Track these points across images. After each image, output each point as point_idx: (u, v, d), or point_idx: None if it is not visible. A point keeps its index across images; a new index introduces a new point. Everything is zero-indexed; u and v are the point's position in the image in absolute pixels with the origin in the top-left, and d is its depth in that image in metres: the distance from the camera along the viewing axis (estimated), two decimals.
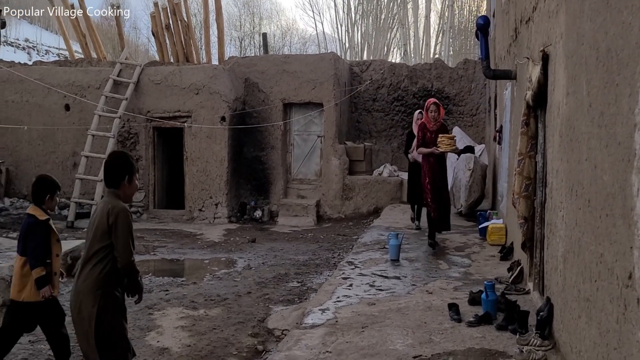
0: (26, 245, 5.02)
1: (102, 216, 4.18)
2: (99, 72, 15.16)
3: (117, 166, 4.36)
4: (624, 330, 2.91)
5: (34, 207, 5.13)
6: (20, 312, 5.08)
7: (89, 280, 4.17)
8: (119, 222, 4.16)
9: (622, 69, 2.96)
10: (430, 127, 9.28)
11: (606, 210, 3.26)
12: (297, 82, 15.24)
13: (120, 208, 4.21)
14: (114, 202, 4.25)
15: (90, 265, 4.18)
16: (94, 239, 4.19)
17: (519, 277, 7.14)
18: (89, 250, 4.20)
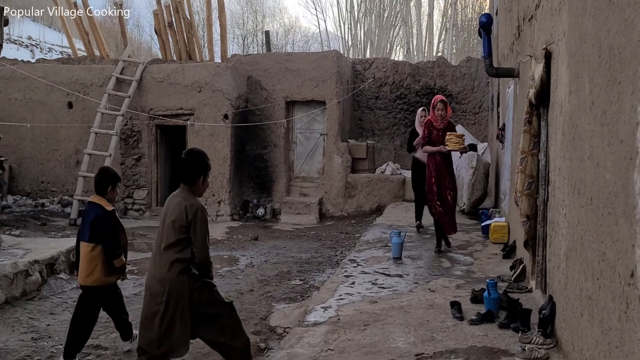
0: (97, 233, 5.39)
1: (180, 212, 4.43)
2: (101, 70, 15.18)
3: (195, 165, 4.58)
4: (625, 329, 2.91)
5: (97, 197, 5.51)
6: (88, 296, 5.48)
7: (171, 268, 4.44)
8: (198, 219, 4.43)
9: (625, 67, 2.96)
10: (437, 125, 8.96)
11: (608, 209, 3.26)
12: (300, 80, 15.25)
13: (198, 206, 4.47)
14: (191, 199, 4.52)
15: (168, 255, 4.45)
16: (171, 231, 4.45)
17: (522, 275, 7.14)
18: (166, 241, 4.47)
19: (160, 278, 4.47)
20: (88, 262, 5.40)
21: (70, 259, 8.14)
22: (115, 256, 5.43)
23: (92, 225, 5.40)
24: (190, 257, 4.48)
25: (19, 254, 7.71)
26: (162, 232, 4.53)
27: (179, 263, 4.44)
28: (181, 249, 4.45)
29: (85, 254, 5.41)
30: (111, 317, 5.74)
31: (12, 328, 6.26)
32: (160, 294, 4.45)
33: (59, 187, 15.32)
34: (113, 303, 5.64)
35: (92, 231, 5.40)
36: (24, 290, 7.16)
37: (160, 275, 4.47)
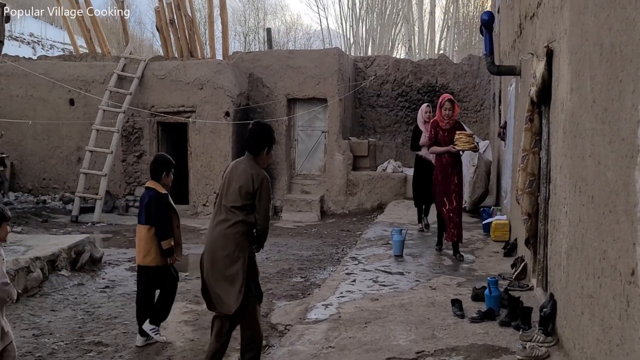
0: (151, 216, 5.79)
1: (247, 179, 4.66)
2: (103, 67, 15.19)
3: (261, 135, 4.82)
4: (626, 327, 2.91)
5: (153, 182, 5.91)
6: (144, 275, 5.91)
7: (237, 228, 4.70)
8: (263, 189, 4.68)
9: (626, 65, 2.96)
10: (443, 125, 8.48)
11: (609, 207, 3.26)
12: (301, 77, 15.25)
13: (264, 176, 4.73)
14: (257, 169, 4.75)
15: (230, 220, 4.70)
16: (237, 196, 4.68)
17: (523, 273, 7.14)
18: (232, 203, 4.69)
19: (225, 233, 4.70)
20: (145, 243, 5.83)
21: (71, 256, 8.14)
22: (164, 238, 5.78)
23: (146, 208, 5.82)
24: (253, 222, 4.74)
25: (20, 251, 7.71)
26: (227, 194, 4.74)
27: (243, 224, 4.70)
28: (246, 213, 4.70)
29: (142, 236, 5.84)
30: (160, 296, 6.03)
31: (14, 325, 6.26)
32: (223, 247, 4.70)
33: (60, 184, 15.34)
34: (167, 285, 5.99)
35: (147, 214, 5.82)
36: (25, 287, 7.17)
37: (224, 231, 4.70)
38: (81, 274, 8.21)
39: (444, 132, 8.46)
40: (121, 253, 10.06)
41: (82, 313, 6.77)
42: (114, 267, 9.00)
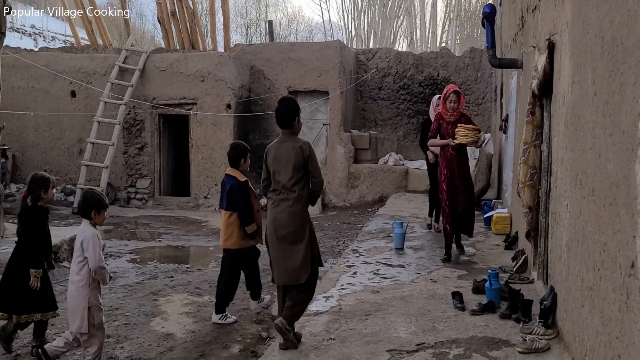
0: (232, 203, 6.23)
1: (296, 153, 5.11)
2: (104, 59, 15.18)
3: (288, 109, 5.27)
4: (626, 319, 2.92)
5: (232, 169, 6.34)
6: (228, 258, 6.38)
7: (298, 202, 5.15)
8: (312, 154, 5.18)
9: (627, 58, 2.95)
10: (447, 118, 8.06)
11: (610, 200, 3.26)
12: (303, 70, 15.23)
13: (308, 143, 5.24)
14: (298, 140, 5.22)
15: (294, 192, 5.14)
16: (293, 172, 5.12)
17: (523, 266, 7.15)
18: (287, 184, 5.14)
19: (288, 211, 5.13)
20: (226, 227, 6.31)
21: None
22: (247, 223, 6.24)
23: (228, 194, 6.24)
24: (307, 193, 5.22)
25: None
26: (281, 175, 5.18)
27: (302, 199, 5.17)
28: (302, 186, 5.17)
29: (224, 221, 6.31)
30: (246, 277, 6.57)
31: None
32: (288, 224, 5.12)
33: (62, 176, 15.34)
34: (249, 264, 6.49)
35: (229, 200, 6.25)
36: None
37: (288, 209, 5.13)
38: None
39: (447, 125, 8.04)
40: (122, 245, 10.09)
41: None
42: (116, 258, 9.03)
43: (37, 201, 5.24)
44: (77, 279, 4.71)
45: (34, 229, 5.25)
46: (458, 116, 8.06)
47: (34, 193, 5.21)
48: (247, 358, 5.36)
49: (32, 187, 5.22)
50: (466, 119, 8.17)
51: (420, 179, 14.64)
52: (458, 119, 8.04)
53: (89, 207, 4.81)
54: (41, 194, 5.23)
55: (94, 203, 4.81)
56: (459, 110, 8.08)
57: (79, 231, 4.81)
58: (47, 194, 5.28)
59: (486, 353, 4.79)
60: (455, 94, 8.01)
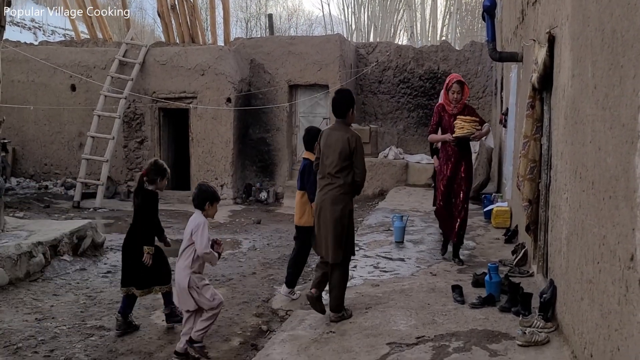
0: (304, 182, 6.59)
1: (344, 143, 5.47)
2: (104, 53, 15.16)
3: (344, 100, 5.71)
4: (625, 312, 2.92)
5: (307, 152, 6.65)
6: (301, 234, 6.77)
7: (341, 188, 5.53)
8: (358, 147, 5.52)
9: (627, 51, 2.95)
10: (449, 109, 7.46)
11: (609, 193, 3.26)
12: (303, 63, 15.21)
13: (356, 135, 5.58)
14: (349, 131, 5.60)
15: (334, 184, 5.52)
16: (338, 161, 5.49)
17: (523, 259, 7.15)
18: (334, 168, 5.51)
19: (331, 195, 5.52)
20: (300, 206, 6.73)
21: (73, 241, 8.17)
22: (313, 200, 6.23)
23: (300, 175, 6.67)
24: (351, 182, 5.55)
25: (22, 236, 7.75)
26: (327, 162, 5.55)
27: (345, 186, 5.52)
28: (346, 174, 5.52)
29: (298, 200, 6.74)
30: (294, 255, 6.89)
31: (16, 309, 6.31)
32: (331, 208, 5.51)
33: (62, 170, 15.36)
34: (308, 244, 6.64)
35: (301, 181, 6.67)
36: (28, 272, 7.20)
37: (330, 193, 5.53)
38: (83, 259, 8.25)
39: (450, 118, 7.45)
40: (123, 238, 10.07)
41: (84, 298, 6.81)
42: (116, 252, 9.03)
43: (151, 184, 5.80)
44: (181, 262, 5.10)
45: (147, 211, 5.81)
46: (461, 108, 7.44)
47: (151, 177, 5.78)
48: (247, 351, 5.37)
49: (151, 170, 5.79)
50: (470, 110, 7.51)
51: (420, 172, 14.64)
52: (461, 111, 7.42)
53: (204, 199, 5.17)
54: (157, 180, 5.82)
55: (208, 195, 5.18)
56: (463, 102, 7.46)
57: (191, 220, 5.17)
58: (161, 182, 5.88)
59: (486, 346, 4.80)
60: (458, 84, 7.42)
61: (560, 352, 4.57)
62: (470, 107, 7.59)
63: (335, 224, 5.50)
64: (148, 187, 5.80)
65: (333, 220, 5.50)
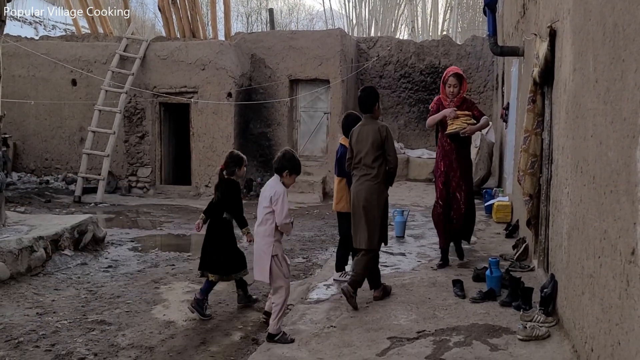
0: (342, 168, 6.56)
1: (375, 134, 5.83)
2: (105, 47, 15.14)
3: (369, 96, 6.04)
4: (626, 306, 2.92)
5: (344, 138, 6.72)
6: (340, 219, 6.86)
7: (376, 178, 5.85)
8: (389, 136, 5.87)
9: (629, 45, 2.94)
10: (446, 104, 7.14)
11: (610, 187, 3.26)
12: (304, 58, 15.19)
13: (386, 125, 5.98)
14: (378, 123, 5.98)
15: (370, 174, 5.85)
16: (372, 151, 5.83)
17: (524, 254, 7.16)
18: (370, 159, 5.84)
19: (367, 185, 5.85)
20: (337, 192, 6.82)
21: (74, 236, 8.17)
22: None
23: (338, 161, 6.71)
24: (385, 171, 5.87)
25: (23, 230, 7.75)
26: (362, 153, 5.86)
27: (379, 175, 5.84)
28: (380, 163, 5.84)
29: (336, 186, 6.85)
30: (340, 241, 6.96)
31: (17, 303, 6.31)
32: (366, 197, 5.83)
33: (63, 165, 15.36)
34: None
35: (339, 167, 6.71)
36: (29, 266, 7.21)
37: (366, 183, 5.86)
38: (84, 254, 8.25)
39: None
40: (124, 233, 10.09)
41: (85, 292, 6.81)
42: (117, 247, 9.04)
43: (231, 175, 6.13)
44: (262, 229, 5.17)
45: (234, 198, 6.20)
46: (459, 102, 7.11)
47: (230, 169, 6.12)
48: (248, 345, 5.37)
49: (229, 162, 6.12)
50: (469, 105, 7.18)
51: (421, 167, 14.64)
52: (459, 106, 7.09)
53: (284, 166, 5.25)
54: (235, 170, 6.14)
55: (290, 164, 5.26)
56: (461, 96, 7.13)
57: (268, 185, 5.29)
58: (240, 170, 6.20)
59: (486, 340, 4.81)
60: (455, 77, 7.09)
61: (561, 346, 4.57)
62: (469, 101, 7.28)
63: (371, 212, 5.82)
64: (232, 178, 6.17)
65: (369, 209, 5.82)
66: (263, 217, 5.18)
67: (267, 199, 5.16)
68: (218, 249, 6.18)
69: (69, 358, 4.99)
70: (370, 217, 5.84)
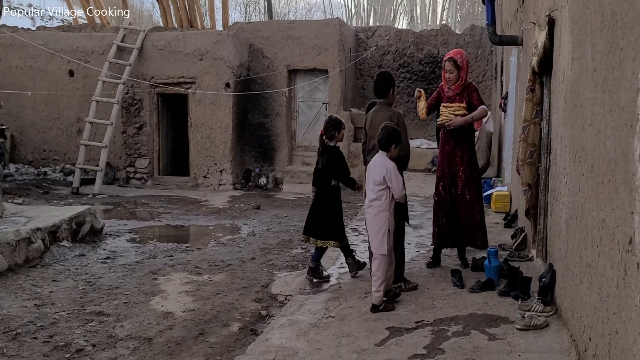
0: None
1: (387, 120, 5.76)
2: (102, 38, 15.09)
3: (384, 81, 6.05)
4: (623, 295, 2.92)
5: None
6: None
7: None
8: (400, 122, 5.90)
9: (627, 33, 2.92)
10: (446, 91, 6.63)
11: (608, 176, 3.25)
12: (302, 48, 15.13)
13: (399, 112, 6.07)
14: (391, 109, 6.06)
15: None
16: None
17: (523, 244, 7.16)
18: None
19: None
20: None
21: (72, 227, 8.16)
22: None
23: None
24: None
25: (21, 222, 7.73)
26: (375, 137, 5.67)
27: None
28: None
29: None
30: None
31: (15, 295, 6.31)
32: None
33: (60, 156, 15.34)
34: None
35: None
36: (27, 258, 7.19)
37: None
38: (82, 245, 8.24)
39: (447, 101, 6.63)
40: (122, 224, 10.09)
41: (83, 283, 6.81)
42: (115, 238, 9.04)
43: (331, 140, 6.31)
44: (378, 204, 5.39)
45: (338, 164, 6.41)
46: (459, 89, 6.55)
47: (329, 133, 6.29)
48: (246, 336, 5.37)
49: (328, 127, 6.29)
50: (469, 92, 6.56)
51: (420, 157, 14.62)
52: (459, 93, 6.56)
53: (390, 141, 5.43)
54: (335, 134, 6.30)
55: (395, 137, 5.45)
56: (460, 84, 6.53)
57: (377, 162, 5.47)
58: (339, 134, 6.36)
59: (485, 330, 4.81)
60: (451, 62, 6.49)
61: (559, 335, 4.58)
62: (472, 87, 6.62)
63: None
64: (329, 144, 6.32)
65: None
66: (377, 194, 5.41)
67: (380, 177, 5.37)
68: (324, 214, 6.40)
69: (67, 349, 4.98)
70: None
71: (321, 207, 6.48)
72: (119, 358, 4.83)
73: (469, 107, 6.51)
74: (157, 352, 4.96)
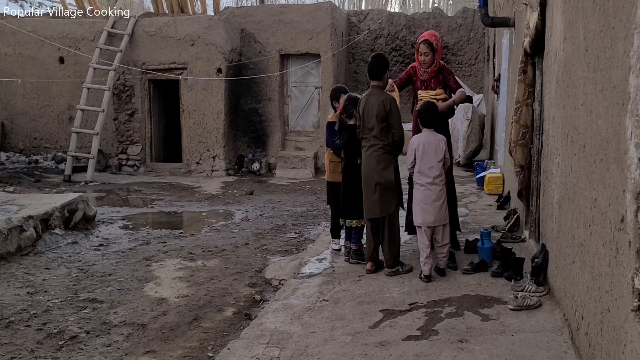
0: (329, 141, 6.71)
1: (379, 105, 5.81)
2: (93, 24, 14.97)
3: (378, 63, 5.96)
4: (615, 273, 2.92)
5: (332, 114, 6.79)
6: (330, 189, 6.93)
7: (382, 150, 5.87)
8: (393, 108, 5.84)
9: (618, 12, 2.91)
10: (420, 74, 6.51)
11: (600, 155, 3.25)
12: (294, 32, 15.05)
13: (390, 97, 5.93)
14: (383, 94, 5.94)
15: (377, 145, 5.85)
16: (376, 123, 5.82)
17: (515, 225, 7.17)
18: (372, 134, 5.86)
19: (375, 155, 5.86)
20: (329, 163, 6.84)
21: (65, 215, 8.13)
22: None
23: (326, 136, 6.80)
24: (392, 142, 5.86)
25: (13, 210, 7.69)
26: (369, 125, 5.86)
27: (386, 145, 5.85)
28: (386, 134, 5.85)
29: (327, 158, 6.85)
30: None
31: (8, 283, 6.29)
32: (377, 166, 5.86)
33: (52, 144, 15.25)
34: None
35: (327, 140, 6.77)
36: (19, 246, 7.17)
37: (374, 153, 5.87)
38: (75, 233, 8.21)
39: (421, 85, 6.55)
40: (115, 211, 10.06)
41: (76, 271, 6.79)
42: (108, 225, 9.01)
43: (350, 118, 6.23)
44: (440, 180, 5.75)
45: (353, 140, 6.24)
46: (434, 73, 6.45)
47: (348, 111, 6.24)
48: (240, 320, 5.37)
49: (347, 105, 6.26)
50: (445, 75, 6.50)
51: None
52: (434, 76, 6.47)
53: (434, 118, 5.82)
54: (354, 112, 6.19)
55: (436, 115, 5.83)
56: (435, 67, 6.43)
57: (431, 141, 5.78)
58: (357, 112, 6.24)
59: (478, 311, 4.82)
60: (426, 45, 6.32)
61: (551, 315, 4.59)
62: (447, 70, 6.54)
63: (382, 179, 5.83)
64: (349, 122, 6.25)
65: (379, 177, 5.83)
66: (440, 170, 5.75)
67: (440, 152, 5.75)
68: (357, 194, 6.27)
69: (60, 336, 4.98)
70: (384, 183, 5.86)
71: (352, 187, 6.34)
72: (113, 344, 4.83)
73: (445, 89, 6.52)
74: (151, 338, 4.96)
